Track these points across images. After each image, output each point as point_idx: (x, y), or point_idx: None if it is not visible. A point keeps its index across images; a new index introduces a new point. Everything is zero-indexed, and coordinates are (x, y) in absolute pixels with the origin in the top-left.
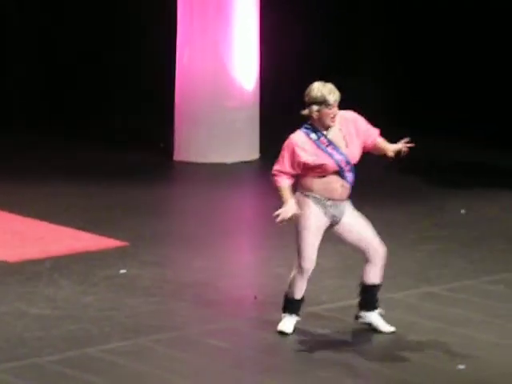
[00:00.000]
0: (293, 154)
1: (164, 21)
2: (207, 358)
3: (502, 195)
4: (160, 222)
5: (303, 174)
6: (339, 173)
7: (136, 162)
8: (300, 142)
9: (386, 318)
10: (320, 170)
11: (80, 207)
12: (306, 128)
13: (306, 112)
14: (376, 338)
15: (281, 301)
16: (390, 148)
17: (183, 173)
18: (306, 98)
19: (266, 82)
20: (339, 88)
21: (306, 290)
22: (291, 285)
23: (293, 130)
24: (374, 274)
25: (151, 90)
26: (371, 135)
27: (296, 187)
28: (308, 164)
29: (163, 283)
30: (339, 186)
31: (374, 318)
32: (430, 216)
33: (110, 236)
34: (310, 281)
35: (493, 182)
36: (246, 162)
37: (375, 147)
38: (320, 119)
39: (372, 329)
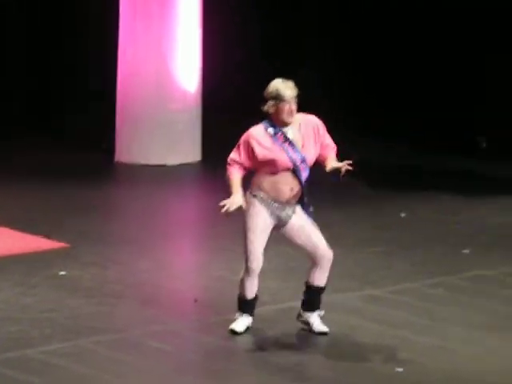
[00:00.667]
0: (247, 146)
1: (107, 20)
2: (149, 361)
3: (441, 198)
4: (101, 224)
5: (256, 168)
6: (293, 171)
7: (77, 162)
8: (256, 134)
9: (328, 320)
10: (272, 166)
11: (20, 208)
12: (267, 122)
13: (264, 108)
14: (316, 340)
15: (221, 304)
16: (330, 165)
17: (125, 174)
18: (265, 94)
19: (208, 85)
20: None
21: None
22: (241, 285)
23: (235, 133)
24: (319, 277)
25: (95, 90)
26: (327, 148)
27: (247, 187)
28: (259, 157)
29: (104, 284)
30: (288, 190)
31: (313, 318)
32: (369, 219)
33: (50, 237)
34: None
35: (431, 185)
36: (187, 164)
37: (323, 159)
38: (276, 114)
39: (309, 329)
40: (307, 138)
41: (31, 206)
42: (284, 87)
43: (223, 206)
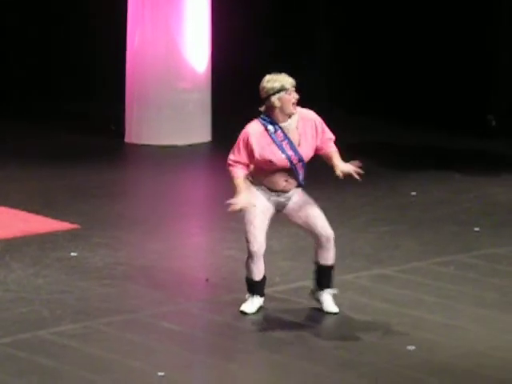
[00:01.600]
0: (246, 145)
1: (117, 1)
2: (160, 341)
3: (451, 177)
4: (112, 205)
5: (254, 164)
6: (290, 169)
7: (87, 144)
8: (255, 132)
9: (338, 299)
10: (269, 165)
11: (31, 190)
12: (264, 119)
13: (269, 105)
14: (327, 319)
15: (232, 283)
16: (340, 167)
17: (134, 155)
18: (263, 93)
19: (218, 65)
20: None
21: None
22: (247, 268)
23: (244, 114)
24: (322, 256)
25: (104, 72)
26: (326, 142)
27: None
28: (257, 156)
29: (115, 266)
30: (283, 181)
31: (324, 296)
32: (380, 198)
33: (61, 219)
34: None
35: (443, 165)
36: (197, 145)
37: (326, 156)
38: (282, 107)
39: (320, 308)
40: (304, 135)
41: (42, 188)
42: (282, 78)
43: (230, 204)
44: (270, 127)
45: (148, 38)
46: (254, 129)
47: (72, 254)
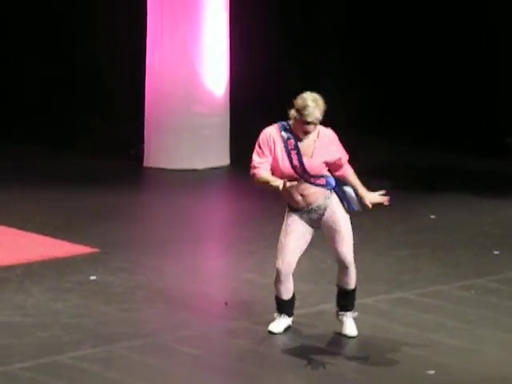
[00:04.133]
0: (268, 142)
1: (135, 25)
2: (179, 365)
3: (470, 199)
4: (131, 229)
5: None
6: (303, 181)
7: (106, 168)
8: (273, 134)
9: (358, 322)
10: (277, 171)
11: (50, 213)
12: (283, 125)
13: (290, 113)
14: (347, 343)
15: (251, 307)
16: (369, 198)
17: (153, 179)
18: (294, 101)
19: (237, 88)
20: None
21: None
22: (275, 286)
23: None
24: (344, 281)
25: (123, 96)
26: (342, 163)
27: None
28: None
29: (134, 289)
30: (298, 197)
31: (344, 319)
32: (399, 221)
33: (80, 242)
34: None
35: (461, 187)
36: (216, 168)
37: (345, 180)
38: (296, 127)
39: (339, 332)
40: (319, 149)
41: (61, 212)
42: (314, 107)
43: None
44: (284, 134)
45: (167, 63)
46: (272, 131)
47: (91, 277)
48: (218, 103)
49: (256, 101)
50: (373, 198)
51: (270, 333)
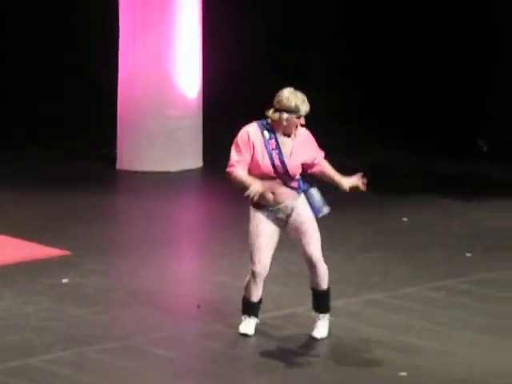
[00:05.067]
0: (247, 144)
1: (107, 26)
2: (152, 368)
3: (441, 202)
4: (104, 231)
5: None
6: (277, 180)
7: (79, 170)
8: (253, 133)
9: (330, 324)
10: (256, 169)
11: (22, 216)
12: (263, 124)
13: (275, 117)
14: (318, 345)
15: (224, 309)
16: (345, 183)
17: (127, 181)
18: (277, 105)
19: (210, 90)
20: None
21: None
22: (246, 288)
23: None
24: (315, 281)
25: (97, 97)
26: (320, 162)
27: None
28: (252, 157)
29: (107, 292)
30: (269, 194)
31: (318, 321)
32: (371, 224)
33: (53, 245)
34: None
35: (433, 189)
36: (189, 171)
37: (323, 174)
38: (287, 127)
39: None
40: (296, 148)
41: (33, 214)
42: (301, 102)
43: (247, 195)
44: (266, 133)
45: (139, 65)
46: (253, 129)
47: (63, 280)
48: (191, 105)
49: (229, 103)
50: (350, 181)
51: (243, 335)
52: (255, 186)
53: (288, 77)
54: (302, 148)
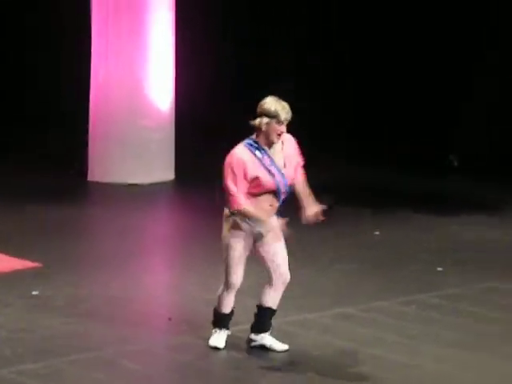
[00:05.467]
0: (241, 170)
1: (80, 37)
2: (122, 380)
3: (414, 216)
4: (74, 244)
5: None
6: (275, 193)
7: (50, 182)
8: (245, 157)
9: (300, 338)
10: (257, 188)
11: None
12: (250, 144)
13: (256, 122)
14: (289, 357)
15: (195, 322)
16: (310, 210)
17: (97, 193)
18: (259, 110)
19: (182, 103)
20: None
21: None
22: (219, 300)
23: (208, 153)
24: (272, 298)
25: (68, 110)
26: (298, 171)
27: (225, 204)
28: (249, 181)
29: (78, 304)
30: (268, 206)
31: (267, 339)
32: (344, 237)
33: (23, 257)
34: None
35: (403, 203)
36: (160, 183)
37: (294, 188)
38: (267, 133)
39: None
40: (288, 157)
41: (3, 226)
42: (282, 108)
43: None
44: (258, 153)
45: (112, 76)
46: (243, 152)
47: (33, 292)
48: (164, 117)
49: (202, 115)
50: (310, 212)
51: (215, 348)
52: (264, 218)
53: (261, 92)
54: (291, 151)
